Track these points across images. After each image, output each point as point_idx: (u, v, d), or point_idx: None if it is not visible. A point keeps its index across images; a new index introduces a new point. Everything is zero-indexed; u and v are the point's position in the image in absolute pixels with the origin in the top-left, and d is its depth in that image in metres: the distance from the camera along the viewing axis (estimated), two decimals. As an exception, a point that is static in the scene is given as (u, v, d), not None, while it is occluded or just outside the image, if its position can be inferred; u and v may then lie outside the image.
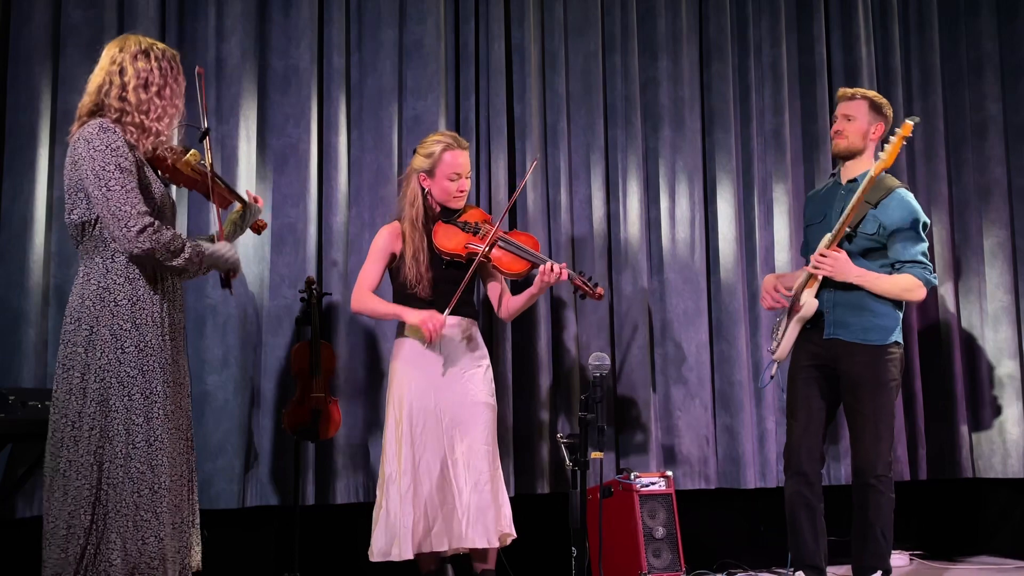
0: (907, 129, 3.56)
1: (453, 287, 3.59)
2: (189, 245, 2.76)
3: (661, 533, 4.10)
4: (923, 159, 5.33)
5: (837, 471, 4.93)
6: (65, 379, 2.67)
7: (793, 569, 3.77)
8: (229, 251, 2.90)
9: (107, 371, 2.65)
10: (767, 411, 4.89)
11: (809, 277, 3.73)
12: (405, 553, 3.41)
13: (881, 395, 3.67)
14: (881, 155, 3.58)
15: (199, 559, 2.87)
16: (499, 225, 3.67)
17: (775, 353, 3.92)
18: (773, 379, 4.09)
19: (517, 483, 4.41)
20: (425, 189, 3.70)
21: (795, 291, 3.82)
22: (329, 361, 4.08)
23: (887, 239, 3.70)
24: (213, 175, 2.90)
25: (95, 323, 2.67)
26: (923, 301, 3.99)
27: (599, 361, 3.20)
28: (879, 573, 3.68)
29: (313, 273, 4.24)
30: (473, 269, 3.60)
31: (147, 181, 2.76)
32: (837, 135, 3.84)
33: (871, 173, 3.58)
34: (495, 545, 3.50)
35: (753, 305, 4.96)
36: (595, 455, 3.14)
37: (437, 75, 4.50)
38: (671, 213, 4.92)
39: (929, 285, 3.73)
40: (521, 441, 4.47)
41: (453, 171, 3.65)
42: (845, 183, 3.85)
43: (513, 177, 4.66)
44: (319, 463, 4.19)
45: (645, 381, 4.77)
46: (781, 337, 3.86)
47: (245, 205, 3.05)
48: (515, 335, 4.52)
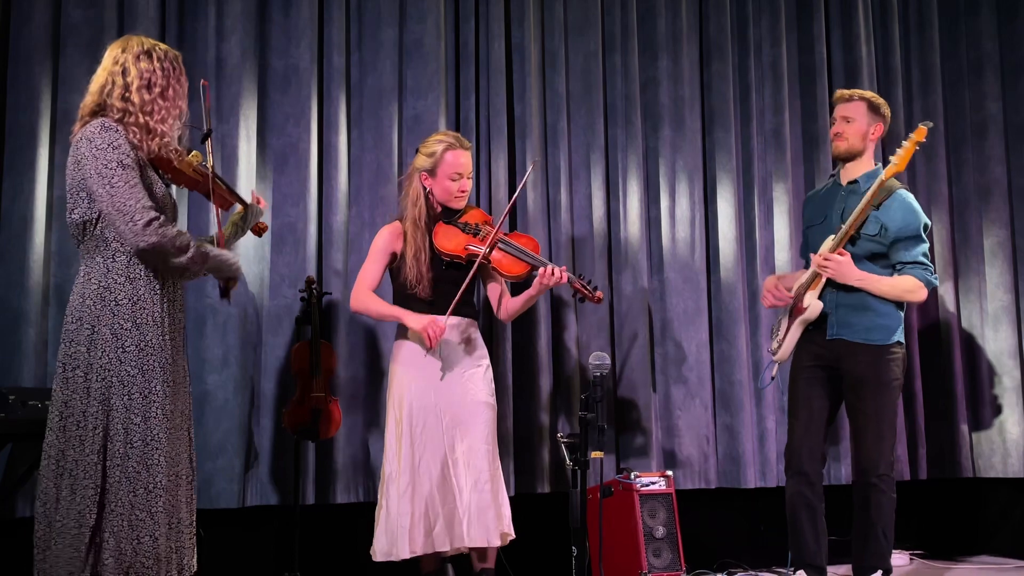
0: (921, 134, 3.56)
1: (453, 287, 3.59)
2: (194, 243, 2.77)
3: (661, 533, 4.10)
4: (923, 159, 5.32)
5: (837, 471, 4.93)
6: (69, 378, 2.67)
7: (793, 569, 3.77)
8: (233, 259, 2.91)
9: (108, 370, 2.66)
10: (767, 410, 4.89)
11: (814, 278, 3.73)
12: (402, 552, 3.41)
13: (884, 394, 3.68)
14: (892, 159, 3.57)
15: (194, 561, 2.86)
16: (499, 227, 3.67)
17: (776, 354, 3.91)
18: (774, 380, 4.09)
19: (517, 483, 4.41)
20: (427, 189, 3.69)
21: (796, 292, 3.82)
22: (329, 361, 4.08)
23: (888, 240, 3.71)
24: (215, 177, 2.91)
25: (96, 322, 2.68)
26: (923, 301, 3.99)
27: (599, 361, 3.20)
28: (879, 573, 3.69)
29: (313, 273, 4.24)
30: (474, 270, 3.60)
31: (149, 181, 2.76)
32: (837, 138, 3.84)
33: (881, 176, 3.57)
34: (495, 544, 3.50)
35: (753, 304, 4.96)
36: (595, 454, 3.14)
37: (437, 74, 4.50)
38: (671, 212, 4.92)
39: (930, 286, 3.74)
40: (521, 441, 4.47)
41: (455, 171, 3.65)
42: (846, 184, 3.85)
43: (513, 177, 4.66)
44: (319, 463, 4.18)
45: (645, 381, 4.76)
46: (783, 338, 3.86)
47: (247, 207, 3.06)
48: (515, 335, 4.52)
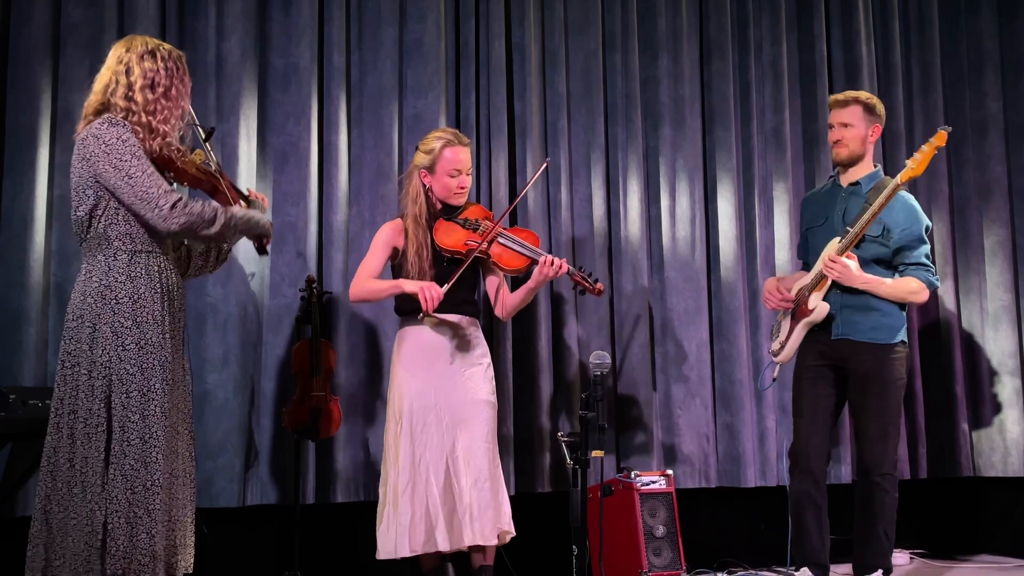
0: (941, 139, 3.55)
1: (456, 284, 3.57)
2: (221, 211, 2.79)
3: (661, 532, 4.10)
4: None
5: (837, 471, 4.93)
6: (71, 376, 2.69)
7: (795, 568, 3.77)
8: (259, 216, 2.93)
9: (108, 368, 2.68)
10: (767, 410, 4.89)
11: (819, 280, 3.72)
12: (402, 551, 3.42)
13: (888, 393, 3.69)
14: (909, 163, 3.55)
15: (191, 560, 2.87)
16: (500, 222, 3.67)
17: (779, 356, 3.91)
18: (775, 381, 4.08)
19: (518, 482, 4.41)
20: (427, 186, 3.69)
21: (798, 294, 3.82)
22: (329, 360, 4.08)
23: (890, 241, 3.72)
24: (220, 174, 2.92)
25: (97, 320, 2.69)
26: (921, 303, 3.99)
27: (599, 360, 3.20)
28: (880, 572, 3.69)
29: (313, 272, 4.24)
30: (469, 262, 3.58)
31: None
32: (837, 144, 3.81)
33: (897, 181, 3.55)
34: (495, 543, 3.50)
35: (754, 304, 4.96)
36: (596, 454, 3.13)
37: (437, 73, 4.50)
38: (671, 211, 4.92)
39: (932, 287, 3.76)
40: (521, 440, 4.47)
41: (453, 167, 3.64)
42: (846, 186, 3.85)
43: (513, 175, 4.66)
44: (319, 462, 4.18)
45: (646, 380, 4.76)
46: (785, 340, 3.85)
47: (250, 205, 3.07)
48: (515, 333, 4.52)
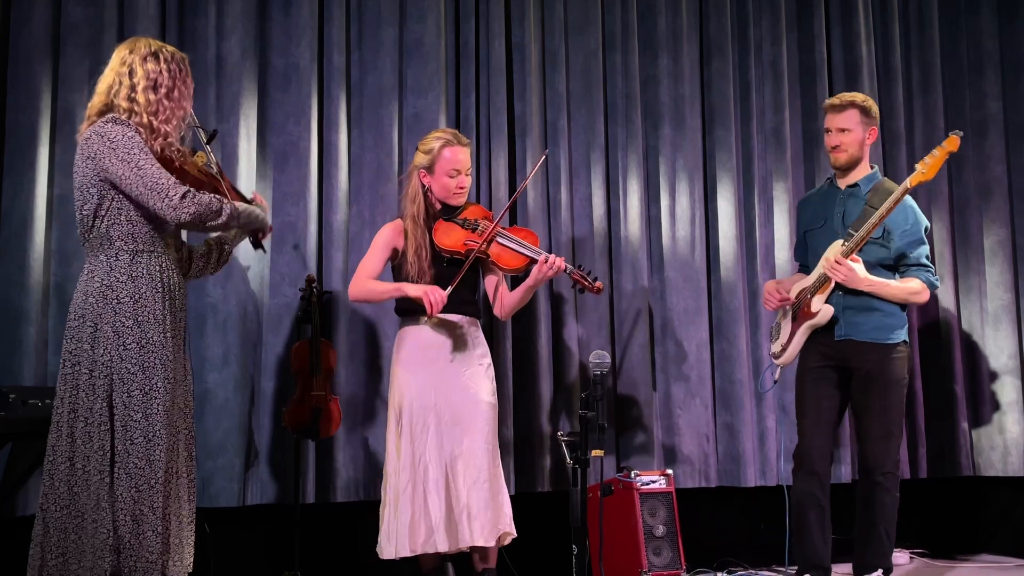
0: (953, 144, 3.55)
1: (456, 284, 3.57)
2: (226, 203, 2.83)
3: (661, 531, 4.10)
4: (923, 157, 5.31)
5: (837, 471, 4.92)
6: (71, 375, 2.70)
7: (798, 570, 3.77)
8: (258, 211, 2.99)
9: (110, 367, 2.69)
10: (767, 410, 4.89)
11: (822, 282, 3.72)
12: (402, 551, 3.42)
13: (891, 392, 3.70)
14: (919, 167, 3.56)
15: (191, 560, 2.88)
16: (499, 221, 3.67)
17: (780, 358, 3.91)
18: (776, 383, 4.08)
19: (518, 482, 4.41)
20: (426, 186, 3.69)
21: (799, 295, 3.82)
22: (329, 359, 4.08)
23: (890, 241, 3.73)
24: (221, 177, 2.93)
25: (98, 320, 2.71)
26: (923, 303, 4.00)
27: (599, 359, 3.20)
28: (880, 572, 3.69)
29: (313, 271, 4.24)
30: (469, 262, 3.59)
31: None
32: (836, 150, 3.81)
33: (907, 185, 3.56)
34: (495, 544, 3.50)
35: (754, 304, 4.96)
36: (595, 453, 3.14)
37: (437, 73, 4.50)
38: (671, 211, 4.92)
39: (933, 288, 3.78)
40: (521, 439, 4.47)
41: (452, 167, 3.64)
42: (844, 188, 3.85)
43: (513, 175, 4.66)
44: (319, 461, 4.18)
45: (645, 379, 4.76)
46: (787, 342, 3.85)
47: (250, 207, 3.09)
48: (515, 333, 4.52)
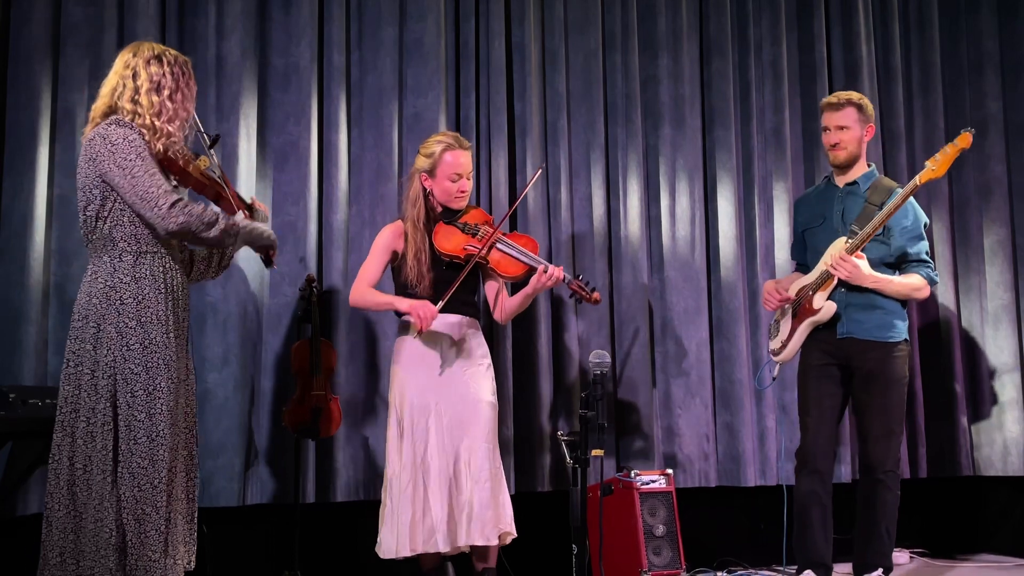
0: (966, 141, 3.54)
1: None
2: (223, 217, 2.82)
3: (661, 531, 4.10)
4: (923, 157, 5.31)
5: (837, 470, 4.92)
6: (74, 375, 2.72)
7: (798, 569, 3.77)
8: (264, 228, 2.97)
9: (113, 367, 2.71)
10: (767, 409, 4.89)
11: (825, 279, 3.73)
12: (403, 551, 3.42)
13: (893, 391, 3.70)
14: (929, 164, 3.56)
15: (193, 558, 2.90)
16: (499, 227, 3.67)
17: (780, 355, 3.91)
18: (775, 380, 4.08)
19: (518, 481, 4.41)
20: (427, 189, 3.69)
21: (799, 293, 3.83)
22: (329, 359, 4.08)
23: (891, 238, 3.74)
24: (224, 181, 2.94)
25: (102, 321, 2.73)
26: (924, 299, 4.01)
27: (599, 359, 3.20)
28: (880, 571, 3.69)
29: (313, 271, 4.24)
30: (468, 269, 3.59)
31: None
32: (836, 147, 3.81)
33: (916, 181, 3.56)
34: (495, 543, 3.50)
35: (753, 303, 4.96)
36: (595, 453, 3.14)
37: (437, 73, 4.50)
38: (671, 211, 4.92)
39: (933, 284, 3.80)
40: (522, 439, 4.46)
41: (454, 171, 3.65)
42: (843, 185, 3.85)
43: (513, 175, 4.66)
44: (319, 461, 4.18)
45: (645, 379, 4.76)
46: (787, 339, 3.85)
47: (252, 212, 3.10)
48: (515, 333, 4.51)
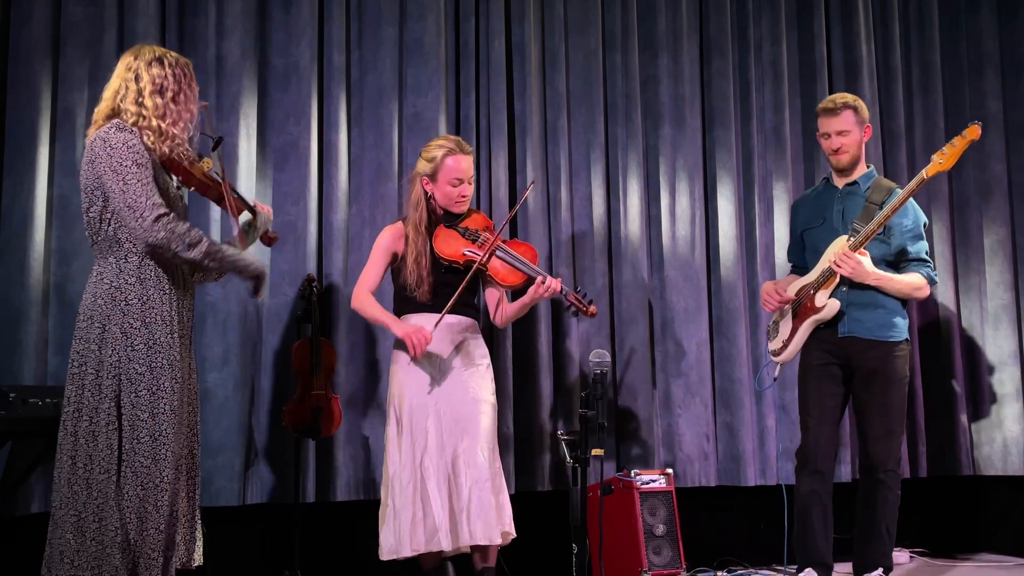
0: (975, 133, 3.53)
1: (453, 291, 3.58)
2: (207, 240, 2.82)
3: (661, 530, 4.11)
4: (923, 156, 5.32)
5: (837, 470, 4.91)
6: (78, 375, 2.73)
7: (797, 569, 3.77)
8: (251, 260, 2.96)
9: (117, 367, 2.72)
10: (767, 409, 4.89)
11: (826, 278, 3.73)
12: (403, 551, 3.42)
13: (894, 390, 3.71)
14: (936, 157, 3.55)
15: (200, 555, 2.91)
16: (498, 235, 3.67)
17: (781, 356, 3.90)
18: (776, 381, 4.08)
19: (518, 481, 4.41)
20: (428, 193, 3.69)
21: (800, 292, 3.83)
22: (330, 359, 4.08)
23: (891, 237, 3.74)
24: (227, 184, 2.95)
25: (106, 321, 2.74)
26: (923, 299, 4.01)
27: (599, 358, 3.20)
28: (881, 570, 3.69)
29: (313, 271, 4.24)
30: (469, 277, 3.59)
31: (164, 181, 2.84)
32: (838, 152, 3.80)
33: (923, 175, 3.56)
34: (496, 543, 3.49)
35: (753, 303, 4.96)
36: (595, 452, 3.14)
37: (437, 73, 4.50)
38: (671, 210, 4.92)
39: (933, 283, 3.80)
40: (522, 439, 4.46)
41: (455, 176, 3.64)
42: (843, 186, 3.86)
43: (513, 175, 4.66)
44: (320, 461, 4.18)
45: (645, 379, 4.76)
46: (788, 339, 3.85)
47: (255, 214, 3.11)
48: (516, 333, 4.51)
